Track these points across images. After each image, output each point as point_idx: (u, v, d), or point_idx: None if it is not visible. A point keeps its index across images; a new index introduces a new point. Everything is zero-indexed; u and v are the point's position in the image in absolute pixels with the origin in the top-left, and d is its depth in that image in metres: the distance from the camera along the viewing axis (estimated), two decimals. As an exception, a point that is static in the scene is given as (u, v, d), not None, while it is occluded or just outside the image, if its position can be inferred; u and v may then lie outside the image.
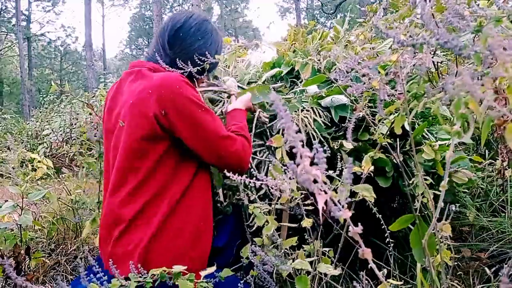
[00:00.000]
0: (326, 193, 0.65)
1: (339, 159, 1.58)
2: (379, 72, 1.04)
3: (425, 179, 1.38)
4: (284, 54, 2.33)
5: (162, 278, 1.02)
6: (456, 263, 1.88)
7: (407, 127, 1.16)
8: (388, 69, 1.00)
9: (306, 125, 1.64)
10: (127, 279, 1.03)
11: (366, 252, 0.71)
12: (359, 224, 0.63)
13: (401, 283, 1.26)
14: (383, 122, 1.25)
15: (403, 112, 1.00)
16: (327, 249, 1.24)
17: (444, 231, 0.91)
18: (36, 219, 2.39)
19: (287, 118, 0.48)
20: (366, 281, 1.19)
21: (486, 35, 0.73)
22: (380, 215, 1.30)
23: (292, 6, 35.24)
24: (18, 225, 1.74)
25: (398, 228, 0.93)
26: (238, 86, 2.15)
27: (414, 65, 1.02)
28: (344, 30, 2.37)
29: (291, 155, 1.22)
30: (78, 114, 7.03)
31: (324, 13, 31.50)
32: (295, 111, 1.68)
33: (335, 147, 1.66)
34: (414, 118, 1.77)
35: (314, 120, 1.66)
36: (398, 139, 1.46)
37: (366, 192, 1.11)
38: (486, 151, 2.56)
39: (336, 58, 1.55)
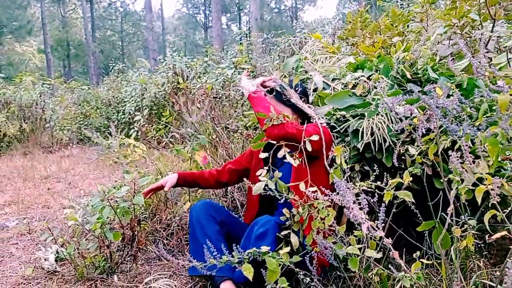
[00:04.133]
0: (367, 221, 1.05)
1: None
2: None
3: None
4: (370, 57, 2.60)
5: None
6: (488, 242, 2.20)
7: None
8: (425, 111, 1.34)
9: (379, 129, 1.96)
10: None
11: (395, 254, 1.10)
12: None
13: (431, 262, 1.64)
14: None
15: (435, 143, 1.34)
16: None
17: (456, 234, 1.28)
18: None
19: (348, 198, 0.87)
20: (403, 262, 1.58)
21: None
22: (418, 208, 1.66)
23: None
24: (133, 204, 2.26)
25: (424, 229, 1.31)
26: (324, 82, 2.47)
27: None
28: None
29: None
30: (146, 84, 7.64)
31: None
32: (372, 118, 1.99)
33: (401, 151, 1.97)
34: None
35: (387, 125, 1.97)
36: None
37: (407, 197, 1.48)
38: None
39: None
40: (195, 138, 2.40)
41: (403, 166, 1.98)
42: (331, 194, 1.35)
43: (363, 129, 1.97)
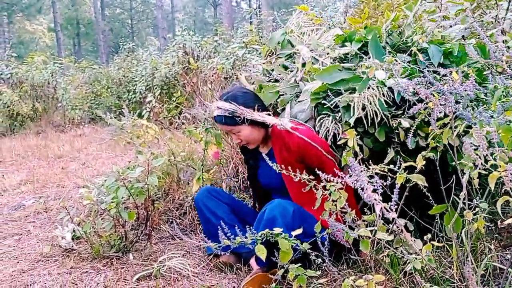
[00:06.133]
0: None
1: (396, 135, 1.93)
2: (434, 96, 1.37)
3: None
4: (357, 29, 2.53)
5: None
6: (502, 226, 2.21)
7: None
8: (440, 95, 1.34)
9: (370, 103, 1.94)
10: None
11: (407, 236, 1.12)
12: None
13: (442, 244, 1.66)
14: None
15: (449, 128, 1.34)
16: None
17: (468, 218, 1.29)
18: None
19: (362, 179, 0.88)
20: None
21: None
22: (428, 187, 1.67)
23: None
24: (147, 184, 2.30)
25: (436, 212, 1.32)
26: (312, 57, 2.42)
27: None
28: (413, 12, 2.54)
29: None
30: (157, 63, 7.62)
31: None
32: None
33: (394, 125, 1.96)
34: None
35: (378, 99, 1.93)
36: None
37: (420, 181, 1.49)
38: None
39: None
40: (209, 132, 2.41)
41: (396, 140, 1.98)
42: (345, 177, 1.36)
43: (354, 103, 1.94)
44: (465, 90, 1.11)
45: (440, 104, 1.34)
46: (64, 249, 2.42)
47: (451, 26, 2.61)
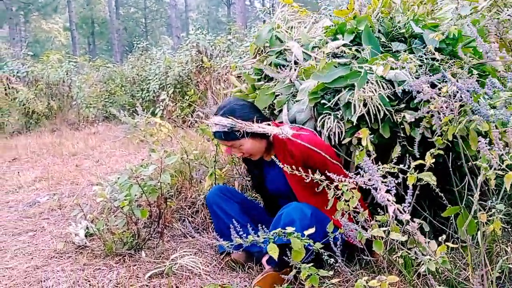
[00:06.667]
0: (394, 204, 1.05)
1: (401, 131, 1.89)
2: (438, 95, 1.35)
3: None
4: (347, 20, 2.42)
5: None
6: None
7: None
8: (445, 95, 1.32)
9: (372, 99, 1.87)
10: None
11: (421, 238, 1.10)
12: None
13: (457, 245, 1.63)
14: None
15: (453, 125, 1.32)
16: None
17: (482, 220, 1.27)
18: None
19: (376, 178, 0.87)
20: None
21: None
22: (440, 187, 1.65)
23: None
24: (159, 182, 2.31)
25: (448, 214, 1.30)
26: (303, 52, 2.32)
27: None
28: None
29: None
30: (170, 62, 7.66)
31: None
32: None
33: (398, 120, 1.91)
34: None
35: (379, 93, 1.87)
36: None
37: (430, 179, 1.47)
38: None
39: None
40: None
41: (402, 135, 1.94)
42: (356, 177, 1.35)
43: (354, 100, 1.88)
44: (473, 111, 1.09)
45: (454, 102, 1.32)
46: (78, 246, 2.44)
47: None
